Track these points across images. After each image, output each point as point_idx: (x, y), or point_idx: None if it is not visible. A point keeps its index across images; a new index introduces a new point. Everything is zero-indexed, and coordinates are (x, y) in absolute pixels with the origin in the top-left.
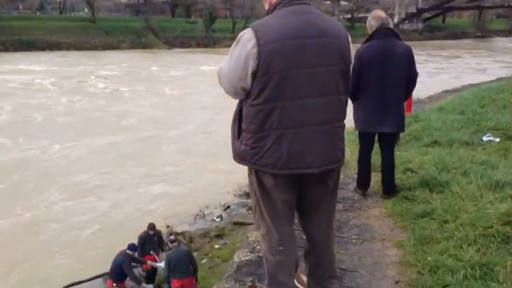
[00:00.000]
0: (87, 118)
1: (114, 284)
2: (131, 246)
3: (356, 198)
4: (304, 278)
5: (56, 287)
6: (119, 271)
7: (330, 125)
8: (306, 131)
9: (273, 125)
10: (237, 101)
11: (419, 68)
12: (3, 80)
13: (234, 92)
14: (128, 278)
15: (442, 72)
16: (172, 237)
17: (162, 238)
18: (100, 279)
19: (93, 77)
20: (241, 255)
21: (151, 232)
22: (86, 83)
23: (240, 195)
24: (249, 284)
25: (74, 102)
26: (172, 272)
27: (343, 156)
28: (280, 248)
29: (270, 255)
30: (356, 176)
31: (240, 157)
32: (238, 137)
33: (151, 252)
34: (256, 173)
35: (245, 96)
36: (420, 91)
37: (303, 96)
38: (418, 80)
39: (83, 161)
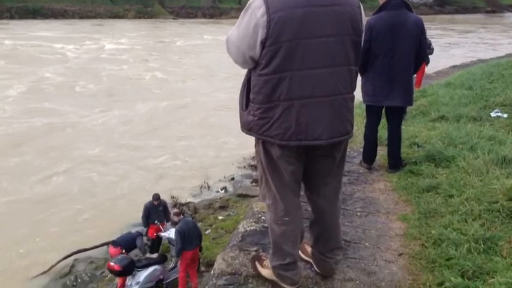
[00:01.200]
0: (115, 87)
1: (123, 251)
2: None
3: (361, 171)
4: (309, 249)
5: (63, 254)
6: (131, 242)
7: (340, 97)
8: (315, 102)
9: (281, 95)
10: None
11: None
12: (27, 46)
13: (242, 61)
14: None
15: (453, 47)
16: (176, 209)
17: (167, 208)
18: (105, 247)
19: (109, 46)
20: (246, 225)
21: (155, 202)
22: (104, 52)
23: (244, 167)
24: (254, 253)
25: (100, 70)
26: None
27: (352, 129)
28: (286, 218)
29: (275, 225)
30: (362, 149)
31: (247, 128)
32: (246, 107)
33: (156, 222)
34: (263, 144)
35: (253, 66)
36: (428, 66)
37: (313, 66)
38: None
39: (104, 132)
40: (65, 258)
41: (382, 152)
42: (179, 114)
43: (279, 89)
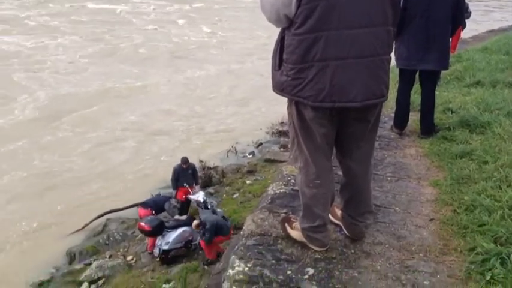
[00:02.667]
0: (175, 50)
1: (153, 212)
2: None
3: (392, 136)
4: (339, 212)
5: (96, 214)
6: (161, 205)
7: (377, 58)
8: (350, 63)
9: (316, 55)
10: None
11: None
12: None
13: (276, 19)
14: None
15: (495, 11)
16: (196, 221)
17: (196, 171)
18: (135, 208)
19: (155, 8)
20: (275, 188)
21: (184, 166)
22: (155, 14)
23: (272, 133)
24: (283, 215)
25: (157, 33)
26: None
27: (387, 91)
28: (317, 181)
29: (306, 188)
30: (393, 114)
31: (279, 88)
32: (279, 67)
33: (185, 184)
34: (296, 105)
35: (288, 25)
36: (464, 30)
37: (349, 26)
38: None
39: (155, 97)
40: (98, 217)
41: (414, 117)
42: (225, 79)
43: (314, 49)
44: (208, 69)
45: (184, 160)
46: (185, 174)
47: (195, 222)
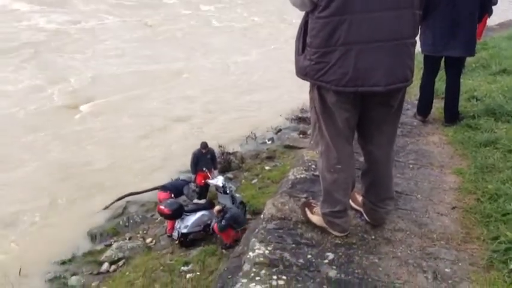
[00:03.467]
0: (208, 36)
1: (172, 195)
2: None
3: (415, 124)
4: (360, 198)
5: (115, 196)
6: (180, 188)
7: (401, 41)
8: (374, 47)
9: (339, 39)
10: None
11: None
12: None
13: (301, 3)
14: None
15: None
16: (218, 207)
17: (215, 156)
18: (155, 191)
19: None
20: (296, 173)
21: (203, 150)
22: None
23: (292, 119)
24: (303, 200)
25: (191, 18)
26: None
27: (412, 76)
28: (338, 166)
29: (327, 172)
30: (416, 101)
31: (302, 73)
32: (303, 51)
33: (204, 169)
34: (318, 90)
35: (312, 8)
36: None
37: (374, 9)
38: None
39: (190, 83)
40: (118, 199)
41: (437, 104)
42: (258, 66)
43: (338, 32)
44: (249, 54)
45: (204, 145)
46: (204, 159)
47: (218, 207)
